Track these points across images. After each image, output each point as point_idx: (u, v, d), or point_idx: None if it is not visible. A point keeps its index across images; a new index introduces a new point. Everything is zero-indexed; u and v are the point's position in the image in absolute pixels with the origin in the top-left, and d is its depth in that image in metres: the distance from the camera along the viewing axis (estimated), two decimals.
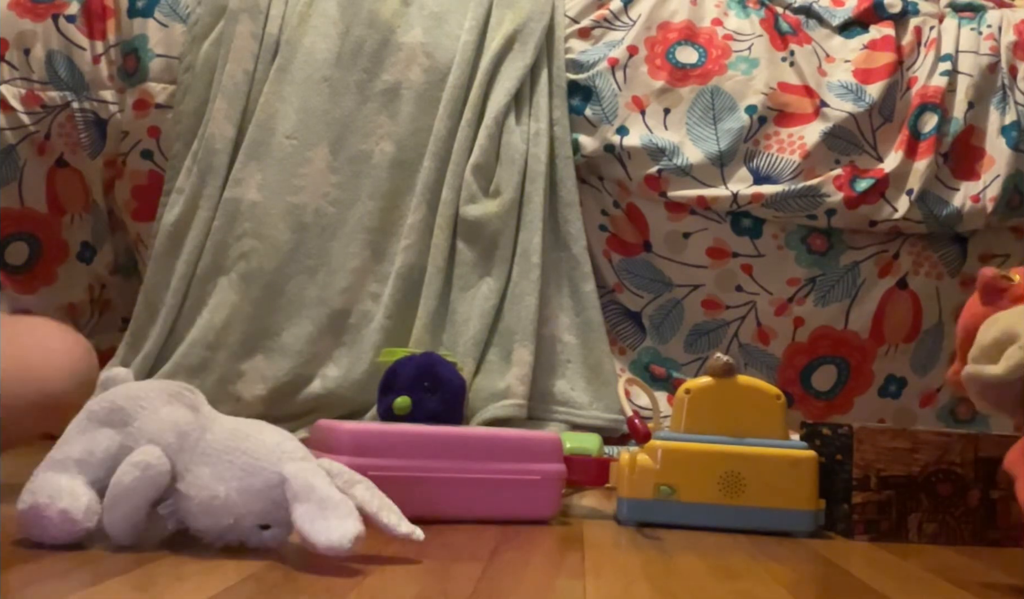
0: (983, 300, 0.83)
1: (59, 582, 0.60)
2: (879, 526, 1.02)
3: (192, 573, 0.65)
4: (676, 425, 1.04)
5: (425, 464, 0.92)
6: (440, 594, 0.64)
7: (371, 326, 1.51)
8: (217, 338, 1.48)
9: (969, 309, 0.84)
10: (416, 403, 1.22)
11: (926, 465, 1.03)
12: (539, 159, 1.56)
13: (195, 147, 1.54)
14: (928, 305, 1.60)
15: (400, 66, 1.58)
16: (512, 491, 0.96)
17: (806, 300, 1.59)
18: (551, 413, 1.51)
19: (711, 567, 0.80)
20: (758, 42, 1.62)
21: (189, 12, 1.59)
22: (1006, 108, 1.58)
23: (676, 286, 1.60)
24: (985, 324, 0.79)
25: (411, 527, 0.74)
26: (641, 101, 1.59)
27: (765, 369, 1.61)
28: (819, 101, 1.57)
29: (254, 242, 1.51)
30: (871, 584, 0.78)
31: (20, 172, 1.57)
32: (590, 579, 0.72)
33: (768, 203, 1.54)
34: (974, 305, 0.84)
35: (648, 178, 1.56)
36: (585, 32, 1.64)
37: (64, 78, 1.55)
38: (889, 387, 1.62)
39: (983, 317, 0.81)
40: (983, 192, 1.55)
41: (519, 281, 1.52)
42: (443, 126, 1.55)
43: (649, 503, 1.01)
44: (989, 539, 1.03)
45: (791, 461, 1.02)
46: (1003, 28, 1.63)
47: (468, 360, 1.47)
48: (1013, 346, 0.75)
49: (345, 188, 1.54)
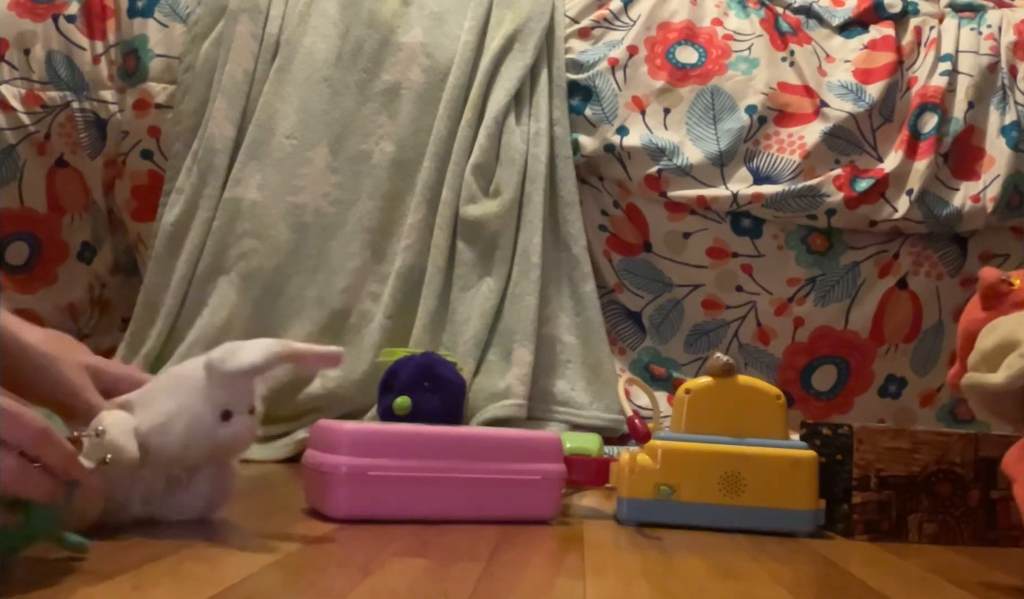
0: (983, 305, 0.82)
1: (59, 582, 0.60)
2: (879, 526, 1.02)
3: (192, 573, 0.65)
4: (676, 425, 1.04)
5: (425, 464, 0.92)
6: (440, 594, 0.64)
7: (371, 326, 1.51)
8: (217, 338, 1.48)
9: (969, 313, 0.84)
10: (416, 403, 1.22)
11: (926, 465, 1.03)
12: (539, 159, 1.56)
13: (195, 147, 1.54)
14: (928, 305, 1.60)
15: (400, 66, 1.58)
16: (512, 491, 0.96)
17: (806, 300, 1.59)
18: (551, 413, 1.51)
19: (711, 567, 0.80)
20: (758, 42, 1.62)
21: (189, 12, 1.59)
22: (1006, 108, 1.58)
23: (676, 286, 1.60)
24: (985, 330, 0.79)
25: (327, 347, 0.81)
26: (641, 101, 1.59)
27: (765, 369, 1.61)
28: (819, 101, 1.57)
29: (254, 242, 1.51)
30: (871, 584, 0.78)
31: (20, 172, 1.57)
32: (590, 579, 0.72)
33: (768, 203, 1.54)
34: (974, 309, 0.83)
35: (648, 178, 1.56)
36: (585, 32, 1.64)
37: (64, 78, 1.55)
38: (889, 387, 1.62)
39: (983, 322, 0.81)
40: (983, 192, 1.55)
41: (519, 281, 1.52)
42: (443, 126, 1.55)
43: (649, 503, 1.01)
44: (989, 539, 1.03)
45: (791, 461, 1.02)
46: (1003, 28, 1.63)
47: (468, 360, 1.47)
48: (1013, 354, 0.75)
49: (345, 188, 1.54)
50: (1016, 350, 0.75)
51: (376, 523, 0.89)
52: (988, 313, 0.81)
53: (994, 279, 0.82)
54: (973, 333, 0.81)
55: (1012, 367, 0.74)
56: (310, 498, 0.95)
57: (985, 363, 0.77)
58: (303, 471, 0.96)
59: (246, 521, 0.79)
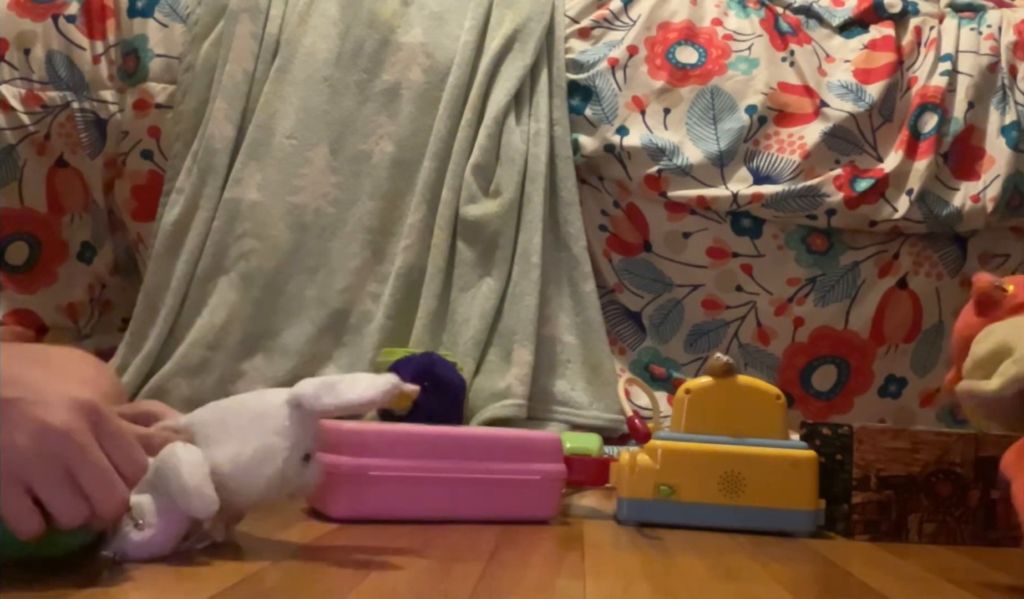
0: (977, 310, 0.82)
1: (59, 582, 0.60)
2: (879, 526, 1.02)
3: (192, 573, 0.65)
4: (676, 425, 1.04)
5: (425, 464, 0.92)
6: (440, 594, 0.64)
7: (371, 326, 1.50)
8: (217, 338, 1.48)
9: (964, 318, 0.84)
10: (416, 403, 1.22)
11: (926, 465, 1.03)
12: (539, 159, 1.56)
13: (195, 147, 1.54)
14: (928, 305, 1.60)
15: (400, 66, 1.58)
16: (512, 491, 0.96)
17: (806, 300, 1.59)
18: (551, 413, 1.51)
19: (711, 567, 0.80)
20: (758, 42, 1.62)
21: (189, 12, 1.59)
22: (1006, 108, 1.58)
23: (676, 286, 1.60)
24: (980, 336, 0.79)
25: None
26: (641, 101, 1.59)
27: (765, 369, 1.61)
28: (819, 101, 1.57)
29: (254, 242, 1.51)
30: (871, 584, 0.78)
31: (20, 172, 1.57)
32: (590, 579, 0.72)
33: (768, 203, 1.54)
34: (969, 314, 0.83)
35: (648, 178, 1.56)
36: (585, 32, 1.64)
37: (64, 78, 1.55)
38: (889, 387, 1.62)
39: (978, 327, 0.81)
40: (983, 192, 1.55)
41: (519, 281, 1.52)
42: (443, 126, 1.55)
43: (649, 503, 1.01)
44: (989, 539, 1.03)
45: (791, 461, 1.02)
46: (1003, 28, 1.63)
47: (468, 360, 1.47)
48: (1007, 361, 0.75)
49: (345, 188, 1.54)
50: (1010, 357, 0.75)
51: (376, 523, 0.89)
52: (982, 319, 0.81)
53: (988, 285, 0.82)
54: (968, 339, 0.81)
55: (1006, 374, 0.74)
56: (310, 498, 0.95)
57: (980, 369, 0.77)
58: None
59: (246, 521, 0.79)
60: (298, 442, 0.71)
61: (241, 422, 0.72)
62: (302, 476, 0.72)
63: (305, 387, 0.71)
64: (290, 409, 0.71)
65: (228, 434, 0.71)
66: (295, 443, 0.71)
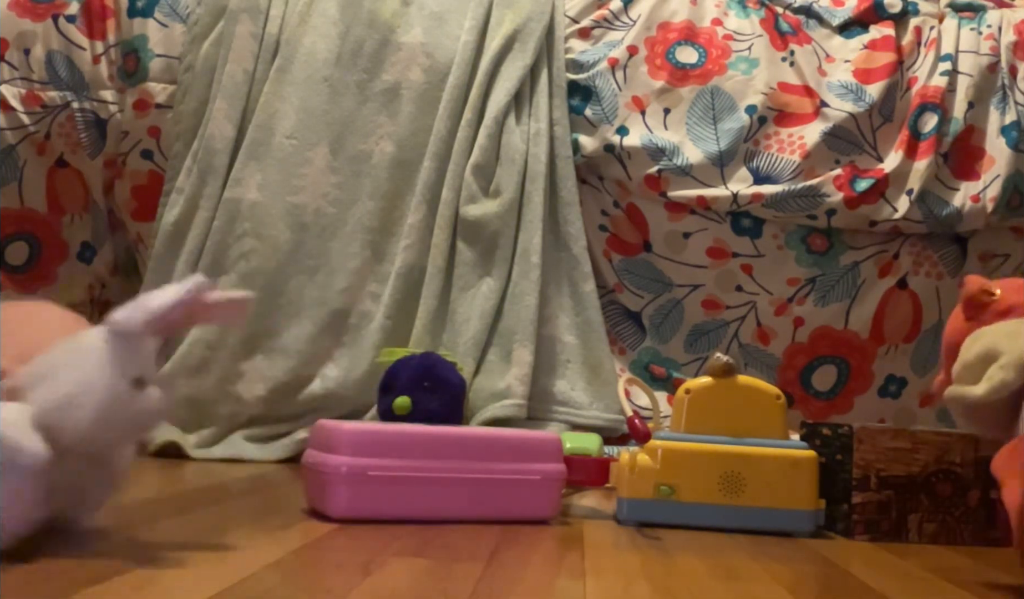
0: (966, 314, 0.82)
1: (59, 582, 0.60)
2: (879, 526, 1.02)
3: (191, 574, 0.65)
4: (676, 425, 1.04)
5: (425, 464, 0.92)
6: (440, 594, 0.64)
7: (371, 326, 1.50)
8: (217, 338, 1.48)
9: (952, 322, 0.84)
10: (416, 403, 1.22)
11: (926, 465, 1.03)
12: (539, 159, 1.56)
13: (195, 147, 1.54)
14: (928, 305, 1.60)
15: (400, 66, 1.58)
16: (512, 491, 0.96)
17: (806, 300, 1.59)
18: (551, 413, 1.51)
19: (711, 567, 0.80)
20: (758, 42, 1.62)
21: (189, 12, 1.59)
22: (1006, 108, 1.58)
23: (676, 286, 1.60)
24: (968, 340, 0.79)
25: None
26: (641, 101, 1.59)
27: (765, 369, 1.61)
28: (819, 101, 1.57)
29: (254, 242, 1.51)
30: (871, 584, 0.78)
31: (20, 172, 1.57)
32: (590, 579, 0.72)
33: (768, 203, 1.54)
34: (957, 318, 0.83)
35: (648, 178, 1.56)
36: (585, 32, 1.64)
37: (64, 78, 1.55)
38: (889, 387, 1.62)
39: (966, 331, 0.81)
40: (983, 192, 1.55)
41: (519, 281, 1.52)
42: (443, 126, 1.55)
43: (649, 503, 1.01)
44: (989, 539, 1.03)
45: (791, 461, 1.02)
46: (1003, 28, 1.63)
47: (468, 360, 1.47)
48: (994, 366, 0.74)
49: (345, 188, 1.54)
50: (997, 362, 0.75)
51: (376, 523, 0.89)
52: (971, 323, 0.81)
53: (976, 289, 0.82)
54: (956, 343, 0.81)
55: (992, 379, 0.74)
56: (310, 498, 0.95)
57: (968, 373, 0.77)
58: (303, 471, 0.96)
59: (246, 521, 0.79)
60: (122, 367, 0.69)
61: (64, 360, 0.70)
62: (138, 402, 0.70)
63: (114, 313, 0.71)
64: (106, 335, 0.70)
65: (52, 376, 0.70)
66: (117, 369, 0.69)
